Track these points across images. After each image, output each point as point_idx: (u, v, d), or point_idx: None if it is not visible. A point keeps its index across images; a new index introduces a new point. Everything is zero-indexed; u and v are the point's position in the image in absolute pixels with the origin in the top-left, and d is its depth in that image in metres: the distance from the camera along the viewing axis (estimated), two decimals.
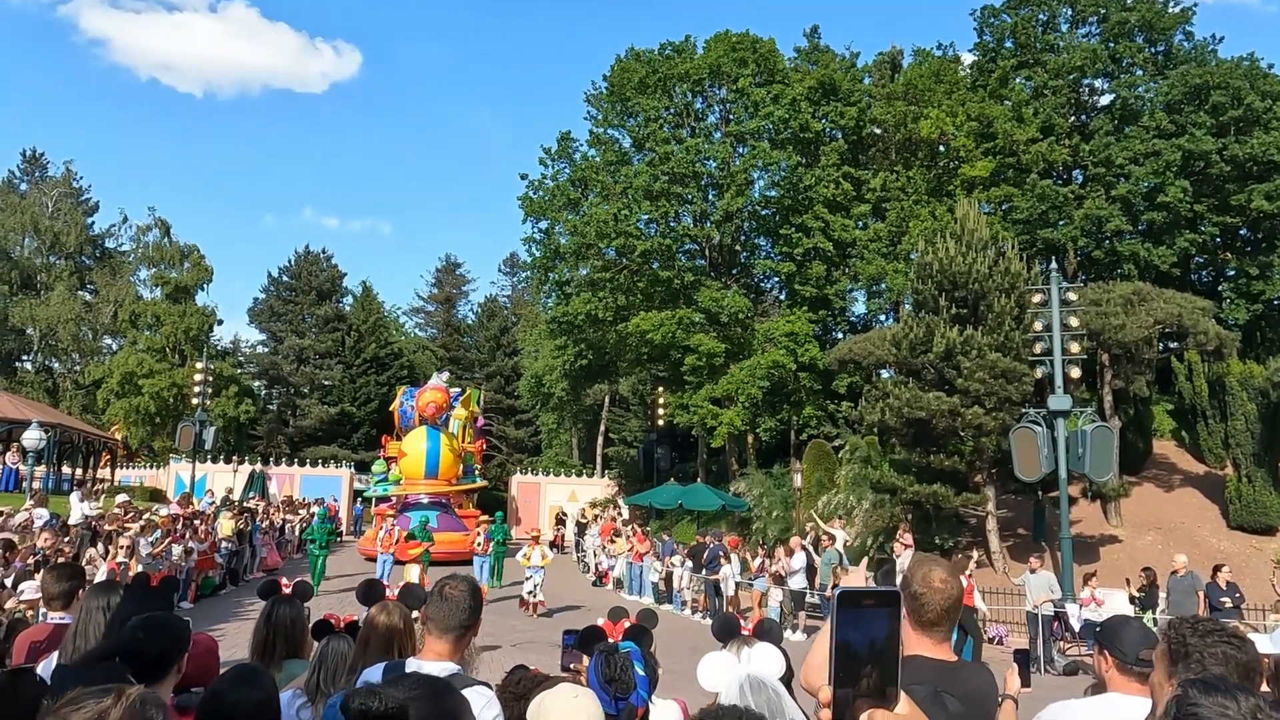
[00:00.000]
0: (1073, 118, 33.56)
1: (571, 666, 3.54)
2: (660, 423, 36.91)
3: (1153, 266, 29.70)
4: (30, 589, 9.11)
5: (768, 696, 2.47)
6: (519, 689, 3.26)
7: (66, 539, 14.51)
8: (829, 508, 25.25)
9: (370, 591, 4.03)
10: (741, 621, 3.45)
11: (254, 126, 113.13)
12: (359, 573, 21.57)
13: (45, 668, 3.33)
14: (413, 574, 15.90)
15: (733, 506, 28.51)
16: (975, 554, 18.21)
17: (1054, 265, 19.91)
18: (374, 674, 2.98)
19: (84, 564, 12.07)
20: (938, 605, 2.67)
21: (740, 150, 34.34)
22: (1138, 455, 26.52)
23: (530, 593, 17.84)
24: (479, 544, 20.79)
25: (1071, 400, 18.71)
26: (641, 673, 2.84)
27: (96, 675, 2.05)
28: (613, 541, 24.73)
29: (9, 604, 9.78)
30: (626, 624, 3.46)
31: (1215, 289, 31.67)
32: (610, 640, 3.16)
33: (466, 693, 2.48)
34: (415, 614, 3.61)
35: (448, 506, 27.40)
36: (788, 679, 2.78)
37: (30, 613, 8.90)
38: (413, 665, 2.93)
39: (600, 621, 3.55)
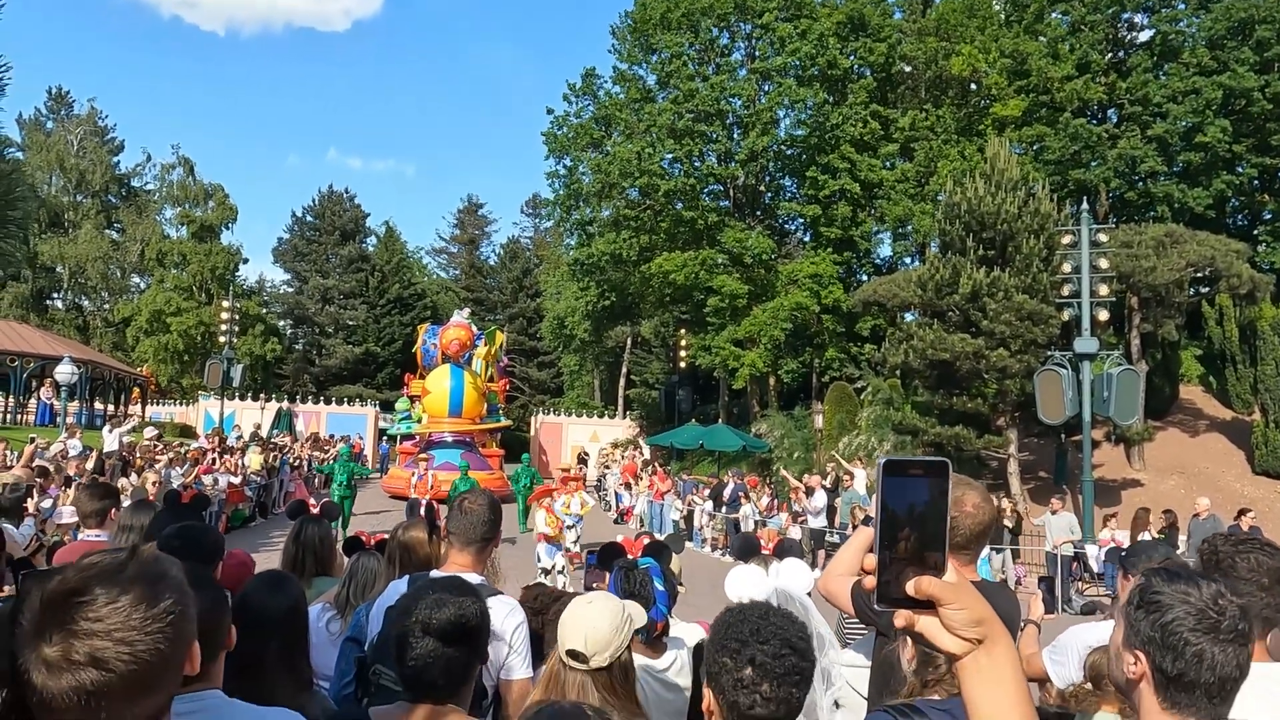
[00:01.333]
0: (1110, 54, 32.49)
1: (594, 585, 3.60)
2: (682, 364, 36.90)
3: (1187, 208, 28.99)
4: (67, 514, 9.34)
5: (795, 610, 2.50)
6: (536, 604, 3.33)
7: (100, 475, 14.82)
8: (850, 449, 25.26)
9: (413, 511, 4.11)
10: (761, 541, 3.49)
11: (277, 65, 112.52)
12: (384, 510, 21.97)
13: None
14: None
15: (753, 447, 28.58)
16: (995, 501, 18.23)
17: (1085, 206, 19.50)
18: (400, 585, 3.06)
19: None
20: (967, 529, 2.67)
21: (766, 88, 33.67)
22: (1164, 399, 26.30)
23: (574, 543, 16.85)
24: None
25: (1098, 343, 18.49)
26: (661, 588, 2.89)
27: None
28: (636, 481, 24.92)
29: (49, 531, 10.05)
30: (645, 541, 3.51)
31: (1251, 232, 30.91)
32: (630, 556, 3.21)
33: (490, 602, 2.54)
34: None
35: (472, 445, 27.57)
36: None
37: (67, 538, 9.13)
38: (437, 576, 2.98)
39: (620, 538, 3.60)
